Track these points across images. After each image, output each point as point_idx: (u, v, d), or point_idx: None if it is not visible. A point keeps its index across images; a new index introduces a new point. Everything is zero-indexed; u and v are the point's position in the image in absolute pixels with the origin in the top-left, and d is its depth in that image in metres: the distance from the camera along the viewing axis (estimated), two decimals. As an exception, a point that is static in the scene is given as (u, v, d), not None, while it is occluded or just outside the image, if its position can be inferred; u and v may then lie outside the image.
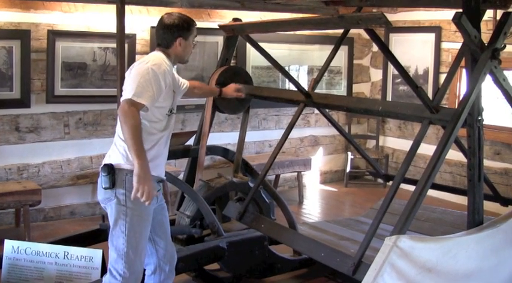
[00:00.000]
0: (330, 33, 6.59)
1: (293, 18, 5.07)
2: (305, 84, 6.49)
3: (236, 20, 4.06)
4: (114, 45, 5.11)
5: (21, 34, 5.21)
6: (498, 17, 3.21)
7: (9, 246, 3.77)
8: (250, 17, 6.02)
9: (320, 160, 7.50)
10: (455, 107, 3.49)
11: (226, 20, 5.49)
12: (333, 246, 3.32)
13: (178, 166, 6.00)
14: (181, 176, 4.60)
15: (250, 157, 6.28)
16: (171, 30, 3.04)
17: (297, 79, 5.96)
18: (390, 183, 3.45)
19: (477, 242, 2.87)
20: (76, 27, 5.50)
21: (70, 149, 5.67)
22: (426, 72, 6.88)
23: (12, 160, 5.38)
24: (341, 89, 7.40)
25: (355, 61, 7.53)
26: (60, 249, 3.75)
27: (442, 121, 3.07)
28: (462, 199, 3.61)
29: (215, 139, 5.47)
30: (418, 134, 3.08)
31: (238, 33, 3.96)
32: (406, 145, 5.11)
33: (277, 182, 6.72)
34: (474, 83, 2.87)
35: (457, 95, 6.53)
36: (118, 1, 4.54)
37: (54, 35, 5.33)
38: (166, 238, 3.24)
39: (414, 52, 6.98)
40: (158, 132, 3.02)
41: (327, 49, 5.36)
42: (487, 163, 5.87)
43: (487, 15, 4.04)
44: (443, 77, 5.75)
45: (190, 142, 4.56)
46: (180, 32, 3.04)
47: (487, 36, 2.98)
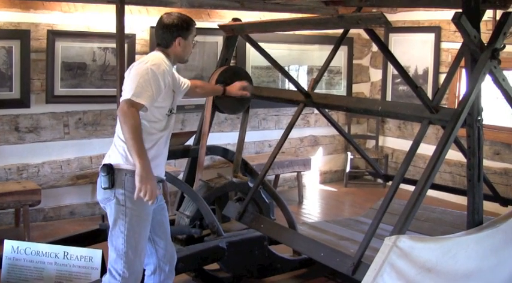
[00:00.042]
0: (330, 33, 6.59)
1: (293, 18, 5.07)
2: (305, 84, 6.49)
3: (236, 20, 4.05)
4: (113, 45, 5.11)
5: (20, 34, 5.21)
6: (498, 17, 3.21)
7: (8, 246, 3.77)
8: (249, 17, 6.02)
9: (320, 160, 7.50)
10: (455, 107, 3.49)
11: (225, 20, 5.49)
12: (333, 246, 3.32)
13: (178, 166, 6.00)
14: (181, 176, 4.60)
15: (249, 157, 6.28)
16: (170, 30, 3.04)
17: (297, 79, 5.95)
18: (390, 183, 3.45)
19: (477, 242, 2.87)
20: (76, 27, 5.50)
21: (70, 149, 5.67)
22: (426, 72, 6.88)
23: (11, 160, 5.38)
24: (341, 89, 7.40)
25: (354, 61, 7.53)
26: (59, 249, 3.75)
27: (442, 121, 3.07)
28: (462, 199, 3.61)
29: (215, 139, 5.47)
30: (418, 134, 3.08)
31: (238, 33, 3.96)
32: (406, 145, 5.11)
33: (276, 182, 6.72)
34: (474, 83, 2.87)
35: (457, 95, 6.53)
36: (118, 1, 4.54)
37: (53, 35, 5.33)
38: (166, 238, 3.24)
39: (414, 52, 6.98)
40: (158, 132, 3.02)
41: (327, 49, 5.35)
42: (487, 163, 5.87)
43: (487, 15, 4.04)
44: (442, 77, 5.74)
45: (190, 142, 4.56)
46: (180, 32, 3.04)
47: (487, 36, 2.98)
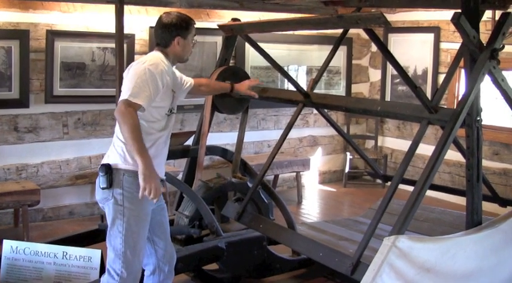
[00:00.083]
0: (329, 33, 6.59)
1: (292, 18, 5.06)
2: (304, 84, 6.51)
3: (235, 20, 4.05)
4: (113, 45, 5.11)
5: (20, 34, 5.21)
6: (497, 18, 3.21)
7: (7, 246, 3.77)
8: (249, 17, 6.02)
9: (319, 160, 7.50)
10: (454, 107, 3.49)
11: (225, 20, 5.49)
12: (332, 246, 3.32)
13: (177, 166, 6.00)
14: (180, 176, 4.60)
15: (249, 157, 6.28)
16: (169, 29, 3.03)
17: (296, 79, 5.97)
18: (389, 184, 3.45)
19: (476, 242, 2.87)
20: (75, 27, 5.50)
21: (69, 149, 5.66)
22: (425, 72, 6.89)
23: (11, 160, 5.38)
24: (340, 89, 7.40)
25: (354, 61, 7.53)
26: (58, 249, 3.75)
27: (441, 121, 3.07)
28: (461, 199, 3.60)
29: (214, 139, 5.47)
30: (417, 134, 3.08)
31: (237, 33, 3.95)
32: (405, 145, 5.11)
33: (276, 182, 6.72)
34: (473, 83, 2.87)
35: (456, 95, 6.53)
36: (117, 1, 4.53)
37: (53, 35, 5.33)
38: (165, 238, 3.24)
39: (413, 52, 6.98)
40: (157, 131, 3.01)
41: (326, 49, 5.35)
42: (486, 163, 5.88)
43: (486, 15, 4.04)
44: (442, 77, 5.74)
45: (189, 142, 4.55)
46: (178, 31, 3.03)
47: (486, 36, 2.98)
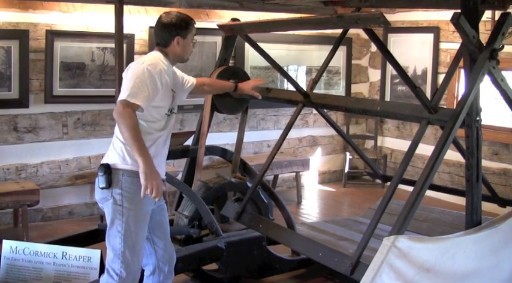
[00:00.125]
0: (329, 33, 6.59)
1: (292, 17, 5.06)
2: (303, 84, 6.50)
3: (235, 20, 4.04)
4: (112, 45, 5.11)
5: (19, 34, 5.20)
6: (496, 18, 3.21)
7: (7, 246, 3.77)
8: (248, 17, 6.01)
9: (318, 160, 7.50)
10: (453, 108, 3.49)
11: (224, 20, 5.49)
12: (331, 246, 3.32)
13: (176, 166, 6.00)
14: (179, 176, 4.60)
15: (248, 157, 6.28)
16: (169, 29, 3.02)
17: (296, 79, 5.97)
18: (389, 184, 3.45)
19: (475, 242, 2.87)
20: (74, 27, 5.49)
21: (68, 149, 5.66)
22: (424, 72, 6.89)
23: (10, 160, 5.38)
24: (339, 89, 7.40)
25: (353, 61, 7.53)
26: (58, 249, 3.74)
27: (441, 121, 3.07)
28: (460, 199, 3.61)
29: (213, 139, 5.47)
30: (417, 134, 3.08)
31: (237, 32, 3.95)
32: (405, 145, 5.12)
33: (275, 182, 6.72)
34: (472, 83, 2.87)
35: (456, 96, 6.53)
36: (116, 1, 4.53)
37: (52, 35, 5.32)
38: (165, 238, 3.23)
39: (412, 52, 6.98)
40: (156, 131, 3.00)
41: (326, 49, 5.35)
42: (485, 163, 5.88)
43: (486, 15, 4.04)
44: (441, 78, 5.75)
45: (188, 142, 4.55)
46: (178, 31, 3.02)
47: (486, 36, 2.98)
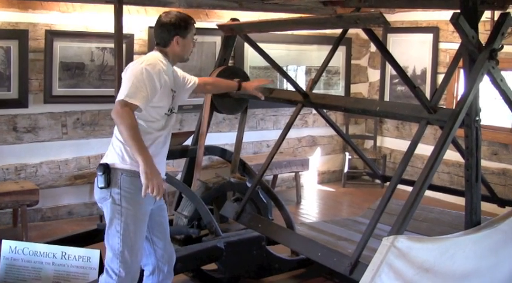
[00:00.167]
0: (328, 33, 6.59)
1: (292, 17, 5.06)
2: (303, 84, 6.50)
3: (234, 20, 4.04)
4: (112, 45, 5.11)
5: (19, 34, 5.20)
6: (496, 18, 3.21)
7: (6, 246, 3.77)
8: (247, 18, 6.01)
9: (318, 160, 7.50)
10: (453, 108, 3.49)
11: (224, 20, 5.49)
12: (331, 246, 3.32)
13: (176, 166, 6.00)
14: (179, 176, 4.60)
15: (248, 157, 6.28)
16: (168, 28, 3.02)
17: (295, 79, 5.98)
18: (388, 184, 3.45)
19: (475, 242, 2.87)
20: (74, 27, 5.49)
21: (68, 149, 5.66)
22: (424, 72, 6.89)
23: (9, 160, 5.38)
24: (339, 89, 7.40)
25: (353, 61, 7.53)
26: (57, 249, 3.74)
27: (440, 121, 3.07)
28: (460, 199, 3.61)
29: (213, 139, 5.47)
30: (416, 134, 3.08)
31: (237, 32, 3.94)
32: (404, 145, 5.13)
33: (275, 182, 6.72)
34: (472, 84, 2.87)
35: (455, 96, 6.54)
36: (116, 1, 4.53)
37: (52, 35, 5.32)
38: (165, 239, 3.23)
39: (412, 52, 6.98)
40: (155, 131, 3.00)
41: (325, 49, 5.36)
42: (485, 163, 5.88)
43: (485, 15, 4.05)
44: (441, 78, 5.75)
45: (188, 142, 4.56)
46: (177, 31, 3.02)
47: (485, 36, 2.98)
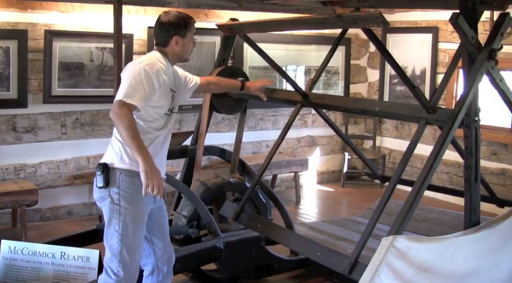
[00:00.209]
0: (327, 33, 6.59)
1: (291, 17, 5.06)
2: (302, 84, 6.50)
3: (233, 20, 4.04)
4: (111, 45, 5.11)
5: (18, 34, 5.20)
6: (495, 18, 3.22)
7: (5, 246, 3.76)
8: (247, 18, 6.01)
9: (317, 160, 7.50)
10: (452, 108, 3.49)
11: (223, 20, 5.47)
12: (330, 246, 3.32)
13: (175, 166, 6.00)
14: (178, 176, 4.60)
15: (247, 157, 6.28)
16: (167, 28, 3.02)
17: (294, 79, 5.97)
18: (387, 184, 3.45)
19: (474, 242, 2.87)
20: (73, 27, 5.49)
21: (67, 149, 5.66)
22: (423, 72, 6.89)
23: (9, 160, 5.37)
24: (338, 90, 7.40)
25: (352, 61, 7.53)
26: (57, 249, 3.74)
27: (439, 121, 3.07)
28: (459, 199, 3.62)
29: (212, 139, 5.47)
30: (415, 134, 3.08)
31: (236, 32, 3.94)
32: (403, 145, 5.11)
33: (274, 182, 6.72)
34: (471, 84, 2.88)
35: (454, 96, 6.54)
36: (115, 1, 4.54)
37: (51, 35, 5.32)
38: (164, 239, 3.23)
39: (411, 52, 6.99)
40: (154, 131, 3.00)
41: (324, 49, 5.36)
42: (484, 163, 5.87)
43: (484, 16, 4.05)
44: (440, 78, 5.75)
45: (187, 142, 4.55)
46: (176, 30, 3.02)
47: (484, 36, 2.99)
